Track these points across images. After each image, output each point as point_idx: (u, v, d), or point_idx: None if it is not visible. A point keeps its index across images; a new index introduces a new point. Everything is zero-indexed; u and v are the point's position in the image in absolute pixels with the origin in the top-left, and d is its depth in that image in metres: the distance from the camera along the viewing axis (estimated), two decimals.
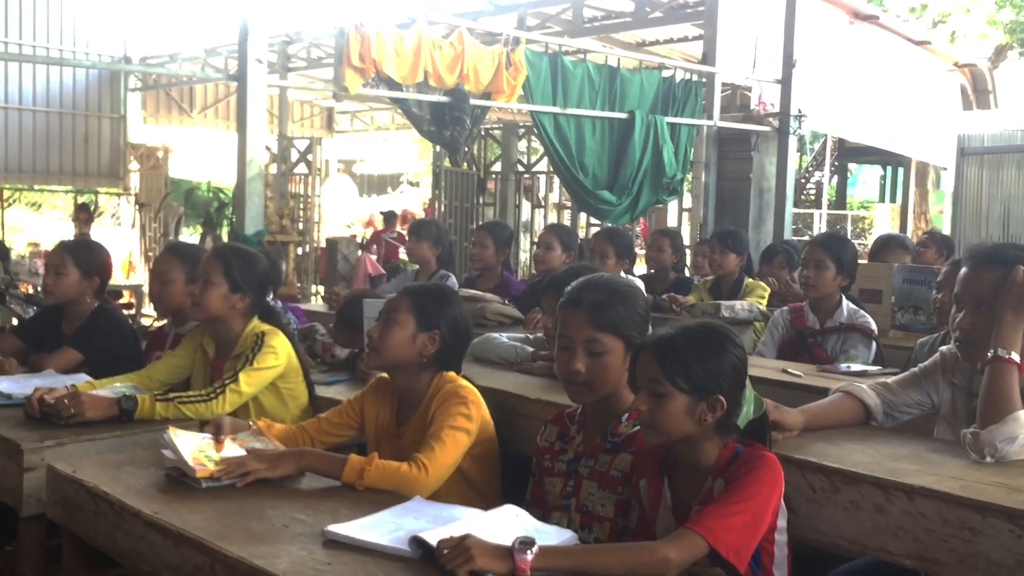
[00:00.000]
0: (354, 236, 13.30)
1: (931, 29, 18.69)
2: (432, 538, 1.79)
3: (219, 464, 2.21)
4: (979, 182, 11.38)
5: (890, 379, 2.62)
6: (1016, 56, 18.71)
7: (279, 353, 3.05)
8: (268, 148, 11.60)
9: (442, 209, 10.63)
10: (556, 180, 10.35)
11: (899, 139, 12.42)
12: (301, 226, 11.39)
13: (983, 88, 13.66)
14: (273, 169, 11.95)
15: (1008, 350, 2.22)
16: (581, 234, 10.74)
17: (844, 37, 11.25)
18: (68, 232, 13.32)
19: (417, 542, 1.81)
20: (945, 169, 13.91)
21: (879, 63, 11.66)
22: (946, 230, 12.68)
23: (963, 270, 2.42)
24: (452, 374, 2.62)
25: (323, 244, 11.66)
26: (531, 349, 3.35)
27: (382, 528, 1.94)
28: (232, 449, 2.33)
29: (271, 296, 3.42)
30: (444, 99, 7.05)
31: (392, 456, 2.44)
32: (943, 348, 2.59)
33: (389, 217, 13.91)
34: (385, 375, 2.75)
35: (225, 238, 8.82)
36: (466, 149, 9.63)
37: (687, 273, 6.83)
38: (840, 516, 2.10)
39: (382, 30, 6.36)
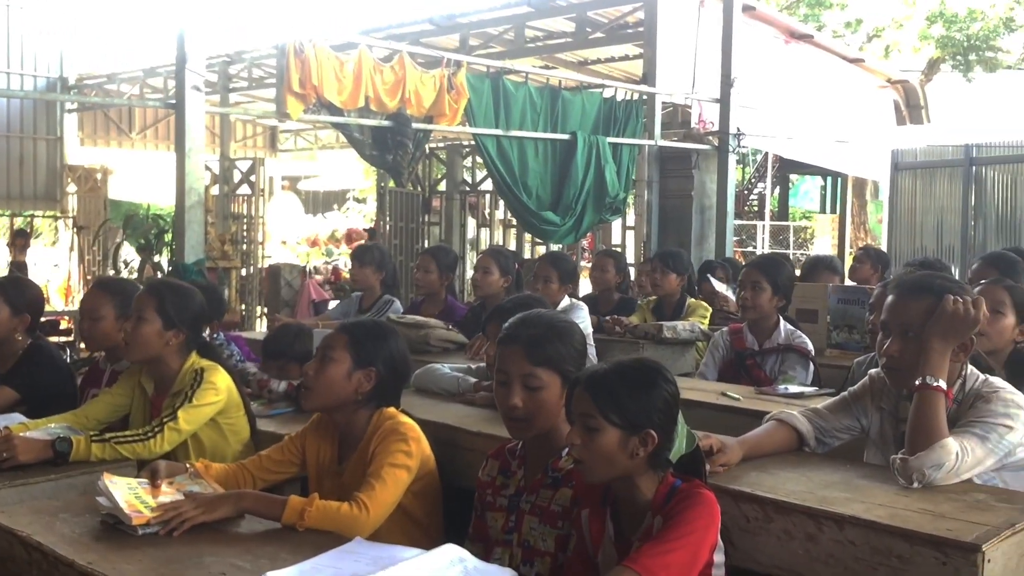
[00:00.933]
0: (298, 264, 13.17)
1: (866, 43, 19.15)
2: None
3: (155, 510, 2.19)
4: (913, 195, 11.67)
5: (820, 405, 2.67)
6: (949, 69, 19.23)
7: (219, 389, 3.02)
8: (209, 169, 11.48)
9: (387, 229, 10.60)
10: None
11: (835, 155, 12.68)
12: (245, 247, 11.28)
13: (915, 103, 14.01)
14: (215, 191, 11.83)
15: (936, 378, 2.28)
16: (527, 254, 10.81)
17: (780, 56, 11.48)
18: (3, 257, 13.01)
19: None
20: (881, 181, 14.23)
21: (815, 81, 11.91)
22: (883, 240, 12.98)
23: (890, 298, 2.47)
24: (392, 410, 2.62)
25: (268, 265, 11.56)
26: (473, 380, 3.36)
27: (322, 573, 1.94)
28: (169, 494, 2.30)
29: (210, 330, 3.39)
30: (386, 123, 7.05)
31: (334, 494, 2.44)
32: (871, 372, 2.65)
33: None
34: None
35: (165, 264, 8.70)
36: (411, 170, 9.63)
37: (632, 293, 6.91)
38: (774, 545, 2.15)
39: (322, 56, 6.35)
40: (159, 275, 8.04)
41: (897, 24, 19.16)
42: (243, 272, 10.95)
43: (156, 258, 8.97)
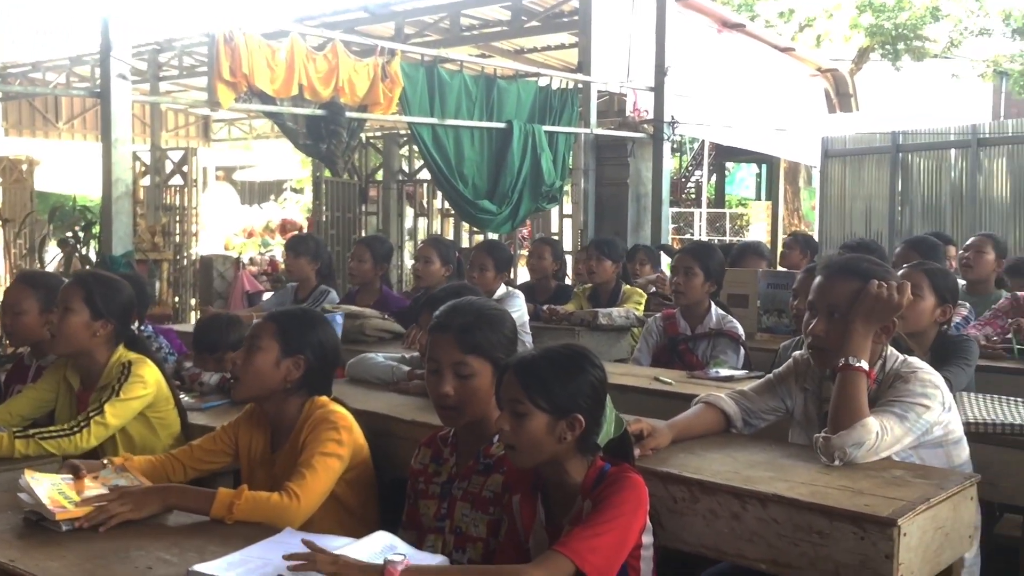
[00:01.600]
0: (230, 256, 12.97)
1: (799, 33, 19.46)
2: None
3: (80, 505, 2.15)
4: (842, 182, 11.89)
5: (747, 387, 2.73)
6: (878, 58, 19.62)
7: (147, 382, 2.98)
8: (140, 159, 11.24)
9: (324, 219, 10.51)
10: None
11: (769, 141, 12.89)
12: (178, 239, 11.08)
13: (845, 92, 14.31)
14: (146, 181, 11.59)
15: (858, 359, 2.35)
16: (465, 243, 10.80)
17: (714, 45, 11.64)
18: None
19: None
20: (815, 167, 14.49)
21: (748, 69, 12.09)
22: (815, 225, 13.23)
23: (818, 279, 2.54)
24: (324, 398, 2.61)
25: (200, 256, 11.36)
26: (407, 368, 3.36)
27: (250, 564, 1.93)
28: (93, 488, 2.26)
29: (138, 322, 3.33)
30: (320, 112, 6.98)
31: (267, 484, 2.43)
32: (795, 354, 2.72)
33: None
34: None
35: (93, 257, 8.51)
36: (347, 159, 9.55)
37: (568, 280, 6.95)
38: (700, 525, 2.19)
39: (253, 43, 6.26)
40: (87, 268, 7.85)
41: (828, 14, 19.49)
42: (176, 264, 10.77)
43: (84, 250, 8.77)
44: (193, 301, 10.52)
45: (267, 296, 8.57)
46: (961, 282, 5.27)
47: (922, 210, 11.21)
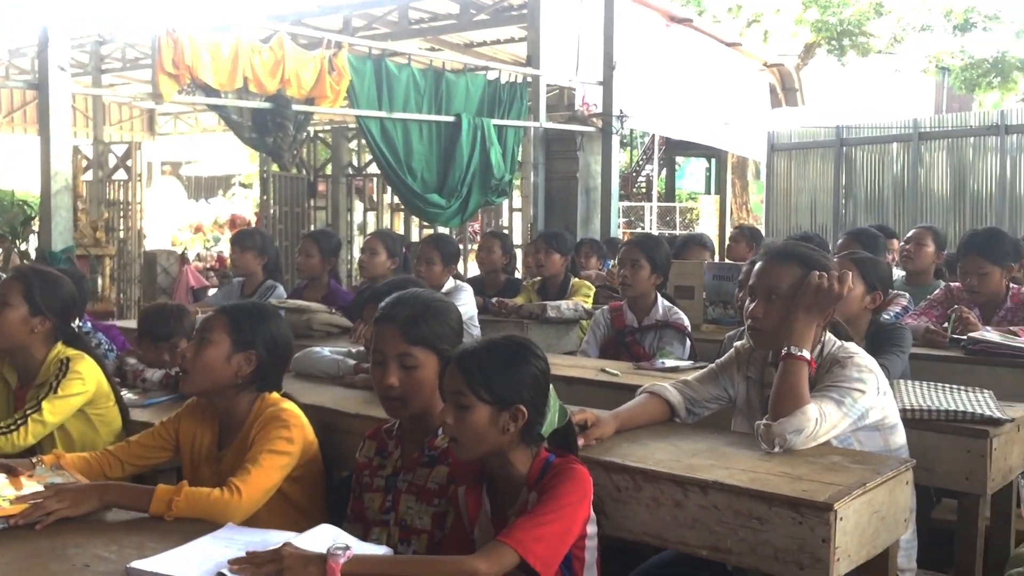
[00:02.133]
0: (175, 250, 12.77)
1: (746, 28, 19.67)
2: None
3: (15, 503, 2.11)
4: (788, 175, 12.09)
5: (691, 376, 2.76)
6: (824, 54, 19.90)
7: (86, 379, 2.93)
8: (81, 153, 11.01)
9: (272, 214, 10.39)
10: None
11: (717, 135, 13.02)
12: (122, 234, 10.88)
13: (790, 87, 14.51)
14: (89, 176, 11.36)
15: (800, 348, 2.38)
16: (415, 237, 10.75)
17: (662, 39, 11.71)
18: None
19: None
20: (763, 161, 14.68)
21: (695, 64, 12.20)
22: (761, 219, 13.41)
23: (758, 264, 2.58)
24: (275, 395, 2.58)
25: (143, 252, 11.15)
26: (353, 362, 3.34)
27: (190, 560, 1.91)
28: (30, 486, 2.22)
29: (78, 319, 3.27)
30: (265, 105, 6.90)
31: (212, 481, 2.40)
32: (737, 344, 2.76)
33: None
34: None
35: (33, 253, 8.34)
36: (294, 153, 9.45)
37: (518, 274, 6.96)
38: (643, 513, 2.21)
39: (196, 35, 6.16)
40: (26, 263, 7.68)
41: (775, 9, 19.73)
42: (119, 260, 10.57)
43: (23, 246, 8.57)
44: (137, 297, 10.34)
45: (212, 292, 8.45)
46: (901, 273, 5.41)
47: (865, 203, 11.43)
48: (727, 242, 7.61)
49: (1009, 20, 18.79)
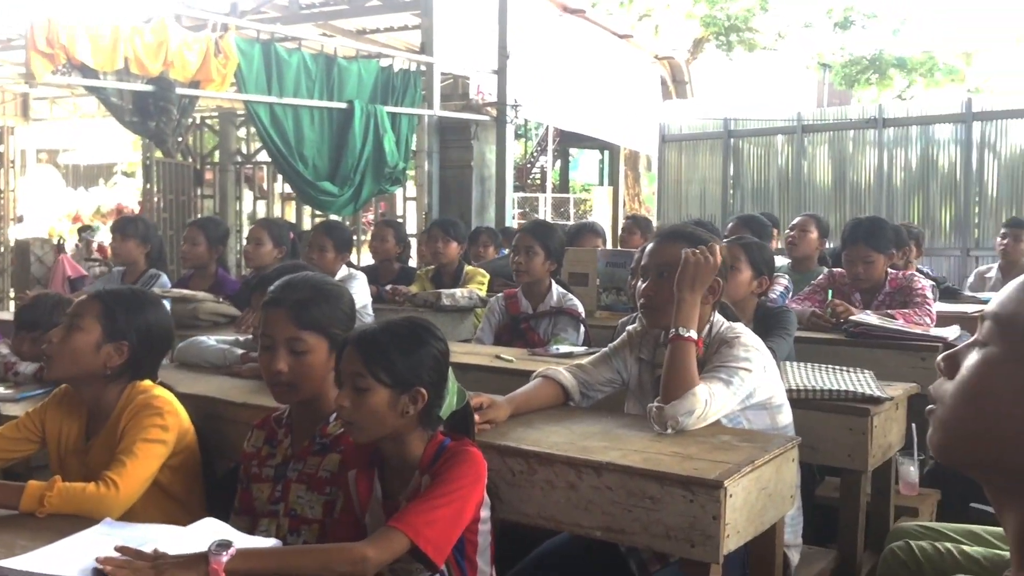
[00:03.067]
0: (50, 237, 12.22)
1: (637, 22, 19.95)
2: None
3: None
4: (679, 167, 12.33)
5: (584, 360, 2.77)
6: (713, 49, 20.35)
7: None
8: None
9: (156, 203, 10.03)
10: None
11: (609, 128, 13.16)
12: None
13: (681, 79, 14.78)
14: None
15: (687, 328, 2.40)
16: (307, 226, 10.55)
17: (555, 29, 11.76)
18: None
19: (99, 574, 1.70)
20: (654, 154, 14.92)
21: (588, 55, 12.29)
22: (654, 211, 13.65)
23: (649, 245, 2.61)
24: (146, 383, 2.47)
25: (15, 241, 10.60)
26: (240, 352, 3.24)
27: (64, 558, 1.81)
28: None
29: None
30: (147, 88, 6.64)
31: (80, 474, 2.28)
32: (629, 327, 2.78)
33: None
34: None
35: None
36: (179, 139, 9.13)
37: (413, 263, 6.90)
38: (538, 496, 2.21)
39: (72, 12, 5.88)
40: None
41: (666, 4, 20.08)
42: None
43: None
44: (9, 288, 9.85)
45: (91, 283, 8.10)
46: (787, 260, 5.57)
47: (752, 193, 11.75)
48: (620, 232, 7.70)
49: (886, 18, 19.59)
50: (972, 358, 0.96)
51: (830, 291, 4.41)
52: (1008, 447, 0.91)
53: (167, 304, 3.84)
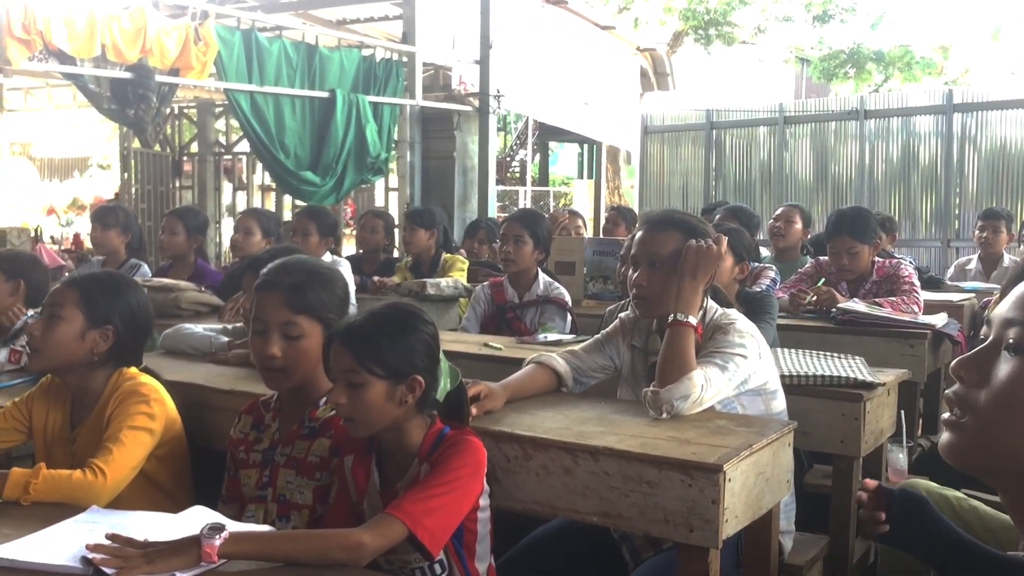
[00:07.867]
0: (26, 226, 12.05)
1: (617, 15, 19.93)
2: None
3: None
4: (661, 158, 12.34)
5: (577, 347, 2.75)
6: (691, 42, 20.36)
7: None
8: None
9: (134, 193, 9.92)
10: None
11: (591, 122, 13.12)
12: None
13: (662, 71, 14.75)
14: None
15: (686, 314, 2.39)
16: (287, 217, 10.46)
17: (537, 20, 11.70)
18: None
19: (88, 562, 1.66)
20: (634, 148, 14.91)
21: (570, 46, 12.25)
22: (634, 203, 13.64)
23: (639, 233, 2.58)
24: (133, 370, 2.43)
25: None
26: (226, 339, 3.20)
27: (52, 546, 1.76)
28: None
29: None
30: (126, 75, 6.54)
31: (66, 462, 2.24)
32: (621, 315, 2.76)
33: None
34: None
35: None
36: (157, 128, 9.03)
37: (396, 253, 6.86)
38: (533, 482, 2.18)
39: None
40: None
41: None
42: None
43: None
44: None
45: (69, 272, 7.99)
46: (768, 252, 5.59)
47: (734, 185, 11.78)
48: (603, 224, 7.70)
49: (864, 12, 19.67)
50: (1009, 368, 0.91)
51: (821, 279, 4.41)
52: None
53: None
